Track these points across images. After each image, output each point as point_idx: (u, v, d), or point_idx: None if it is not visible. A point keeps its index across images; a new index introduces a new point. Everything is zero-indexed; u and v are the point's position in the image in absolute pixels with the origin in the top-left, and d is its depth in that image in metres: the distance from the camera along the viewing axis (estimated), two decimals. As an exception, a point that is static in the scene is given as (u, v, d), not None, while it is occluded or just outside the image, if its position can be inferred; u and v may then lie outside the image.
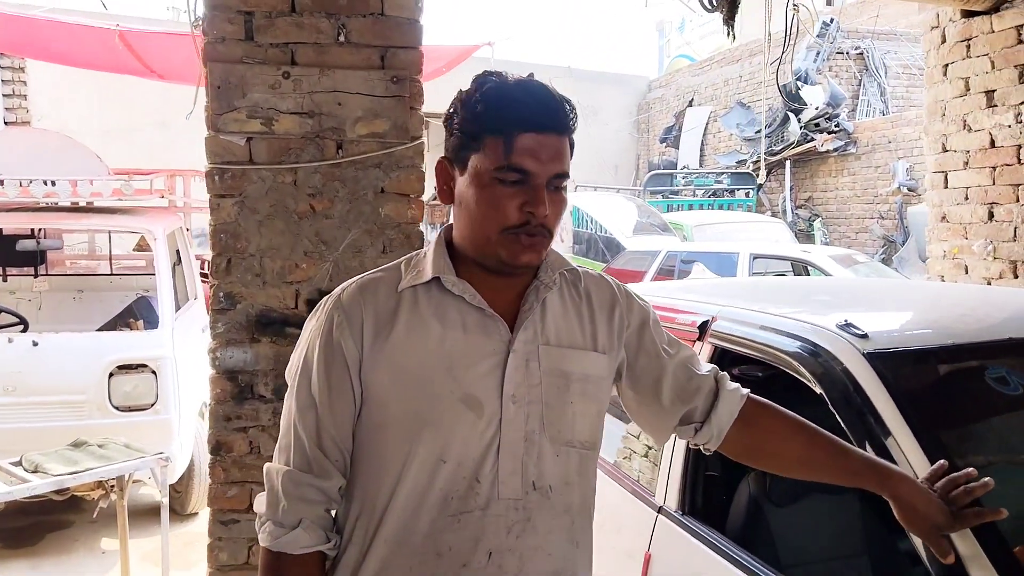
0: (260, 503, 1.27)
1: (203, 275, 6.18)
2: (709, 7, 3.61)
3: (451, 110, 1.25)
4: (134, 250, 6.92)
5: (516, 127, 1.18)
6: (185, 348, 4.74)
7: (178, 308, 4.88)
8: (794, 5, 3.93)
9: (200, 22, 2.85)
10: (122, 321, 5.42)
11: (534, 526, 1.23)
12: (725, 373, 1.45)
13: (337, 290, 1.30)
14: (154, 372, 4.32)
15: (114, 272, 6.45)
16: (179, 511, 4.72)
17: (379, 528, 1.22)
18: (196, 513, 4.93)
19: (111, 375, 4.24)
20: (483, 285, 1.26)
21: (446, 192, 1.28)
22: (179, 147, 11.84)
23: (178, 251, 5.37)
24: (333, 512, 1.28)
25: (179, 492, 4.73)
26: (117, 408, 4.24)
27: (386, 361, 1.22)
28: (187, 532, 4.69)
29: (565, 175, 1.22)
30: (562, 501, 1.26)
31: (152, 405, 4.31)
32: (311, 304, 2.55)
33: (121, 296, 5.94)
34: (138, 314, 5.45)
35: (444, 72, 6.19)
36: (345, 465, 1.26)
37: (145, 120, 12.32)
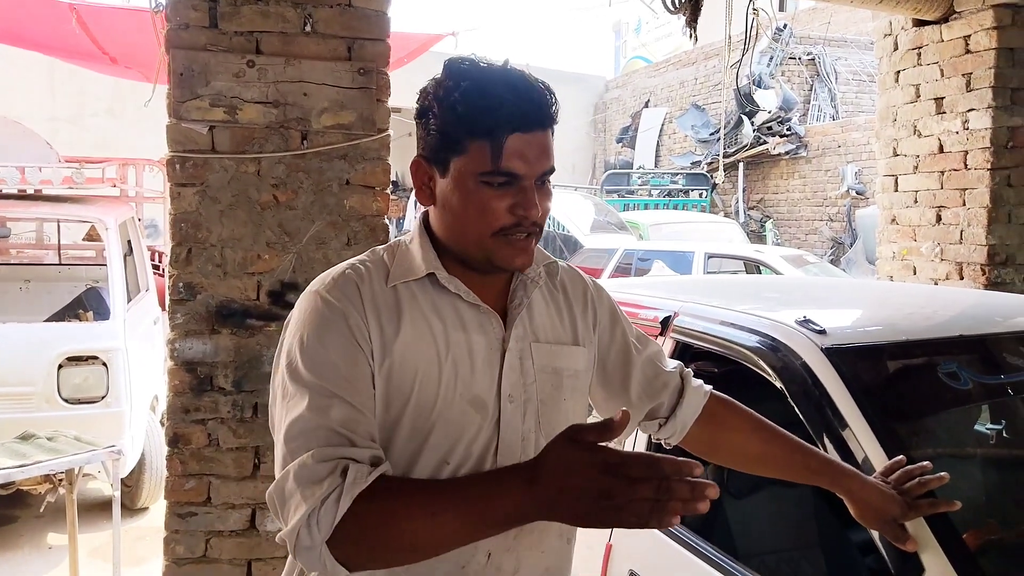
0: (291, 512, 1.05)
1: (154, 267, 6.06)
2: (672, 9, 3.66)
3: (424, 105, 1.18)
4: (84, 240, 6.74)
5: (503, 130, 1.11)
6: (136, 340, 4.65)
7: (129, 299, 4.78)
8: (754, 9, 4.00)
9: (162, 7, 2.80)
10: (71, 312, 5.29)
11: (531, 525, 1.12)
12: (690, 370, 1.47)
13: (325, 279, 1.19)
14: (105, 364, 4.22)
15: (63, 262, 6.28)
16: (129, 505, 4.63)
17: None
18: (147, 508, 4.84)
19: (60, 367, 4.13)
20: (469, 280, 1.21)
21: (425, 193, 1.21)
22: (129, 136, 11.59)
23: (129, 241, 5.25)
24: None
25: (129, 487, 4.63)
26: (67, 400, 4.14)
27: (395, 359, 1.14)
28: (137, 527, 4.60)
29: (552, 170, 1.18)
30: None
31: (103, 398, 4.21)
32: (272, 296, 2.54)
33: (70, 287, 5.78)
34: (87, 305, 5.32)
35: (406, 63, 6.14)
36: (378, 442, 1.12)
37: (95, 108, 12.01)
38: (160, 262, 6.38)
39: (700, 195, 14.15)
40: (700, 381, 1.46)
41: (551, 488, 0.95)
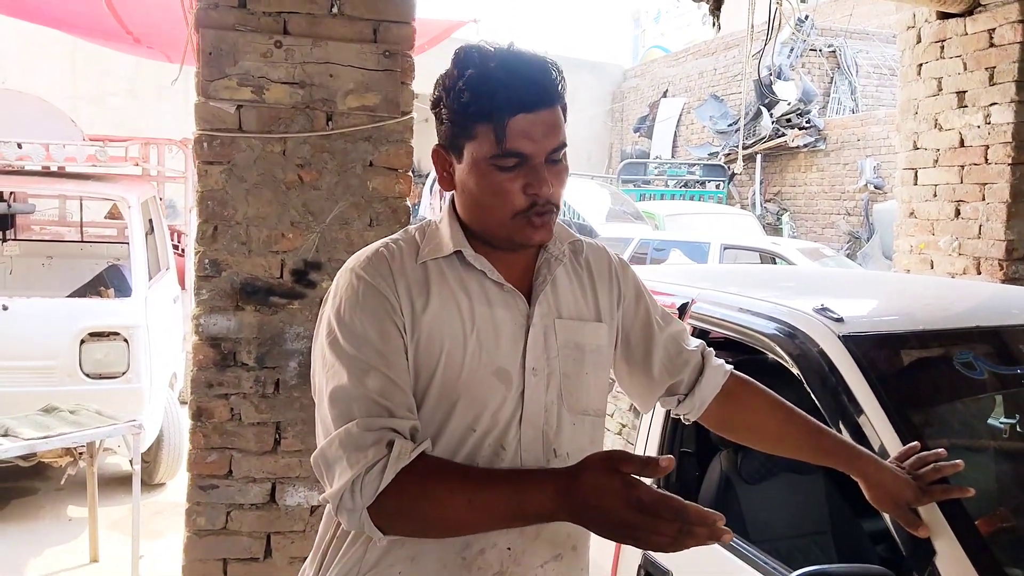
0: (336, 476, 1.12)
1: (174, 246, 6.12)
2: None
3: (437, 96, 1.23)
4: (106, 218, 6.81)
5: (505, 112, 1.15)
6: (157, 318, 4.71)
7: (150, 277, 4.84)
8: (776, 1, 4.00)
9: (190, -13, 2.84)
10: (92, 289, 5.36)
11: None
12: (711, 349, 1.50)
13: (359, 257, 1.25)
14: (126, 340, 4.30)
15: (85, 239, 6.36)
16: (147, 481, 4.70)
17: None
18: (163, 484, 4.92)
19: (82, 342, 4.20)
20: (495, 259, 1.26)
21: (446, 179, 1.27)
22: (149, 116, 11.66)
23: (151, 220, 5.31)
24: None
25: (147, 462, 4.70)
26: (88, 375, 4.21)
27: (423, 332, 1.19)
28: (155, 502, 4.68)
29: (563, 145, 1.21)
30: None
31: (123, 373, 4.28)
32: (296, 274, 2.58)
33: (91, 264, 5.86)
34: (108, 283, 5.39)
35: (427, 48, 6.14)
36: (415, 413, 1.18)
37: (116, 88, 12.09)
38: (180, 242, 6.44)
39: (717, 186, 14.08)
40: (721, 360, 1.49)
41: (583, 504, 1.02)
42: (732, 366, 1.51)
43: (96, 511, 3.68)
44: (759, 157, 14.09)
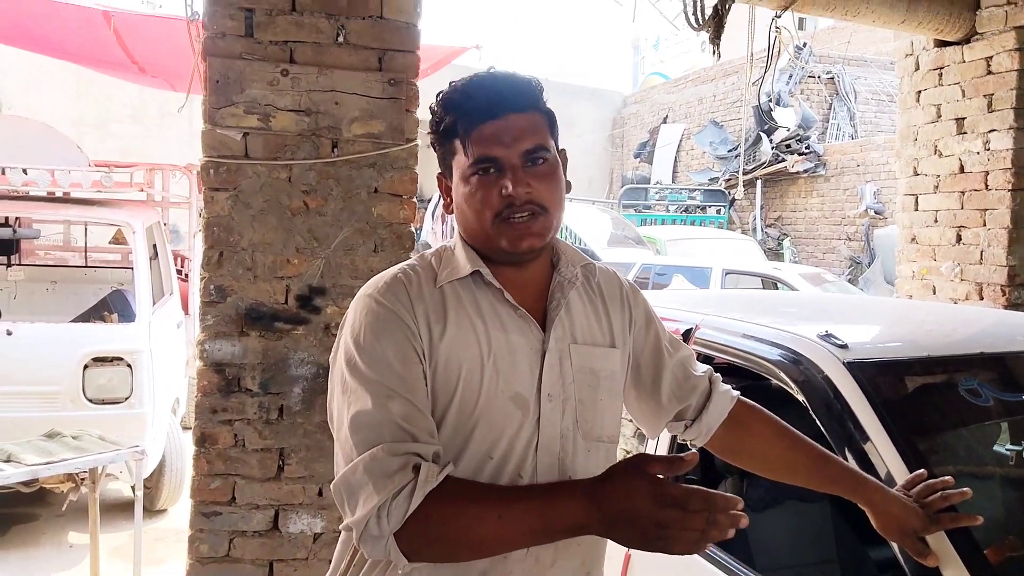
0: (360, 503, 1.10)
1: (177, 271, 6.14)
2: (696, 26, 3.69)
3: (429, 128, 1.30)
4: (110, 243, 6.84)
5: (471, 122, 1.21)
6: (160, 343, 4.72)
7: (154, 303, 4.85)
8: (776, 27, 4.04)
9: (198, 16, 2.88)
10: (96, 314, 5.37)
11: None
12: (719, 375, 1.50)
13: (378, 282, 1.26)
14: (129, 365, 4.29)
15: (89, 264, 6.38)
16: (148, 507, 4.68)
17: None
18: (165, 510, 4.90)
19: (86, 367, 4.20)
20: (506, 280, 1.26)
21: (449, 203, 1.31)
22: (153, 142, 11.75)
23: (155, 245, 5.33)
24: None
25: (149, 488, 4.69)
26: (91, 401, 4.20)
27: (441, 357, 1.20)
28: (156, 528, 4.66)
29: (541, 147, 1.23)
30: None
31: (127, 399, 4.28)
32: (301, 300, 2.59)
33: (95, 289, 5.87)
34: (112, 308, 5.40)
35: (430, 74, 6.20)
36: (436, 438, 1.17)
37: (120, 114, 12.18)
38: (183, 267, 6.46)
39: (718, 211, 14.14)
40: (728, 386, 1.50)
41: (613, 509, 1.03)
42: (739, 392, 1.52)
43: (97, 537, 3.65)
44: (759, 182, 14.15)
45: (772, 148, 13.62)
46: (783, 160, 13.55)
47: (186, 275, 6.32)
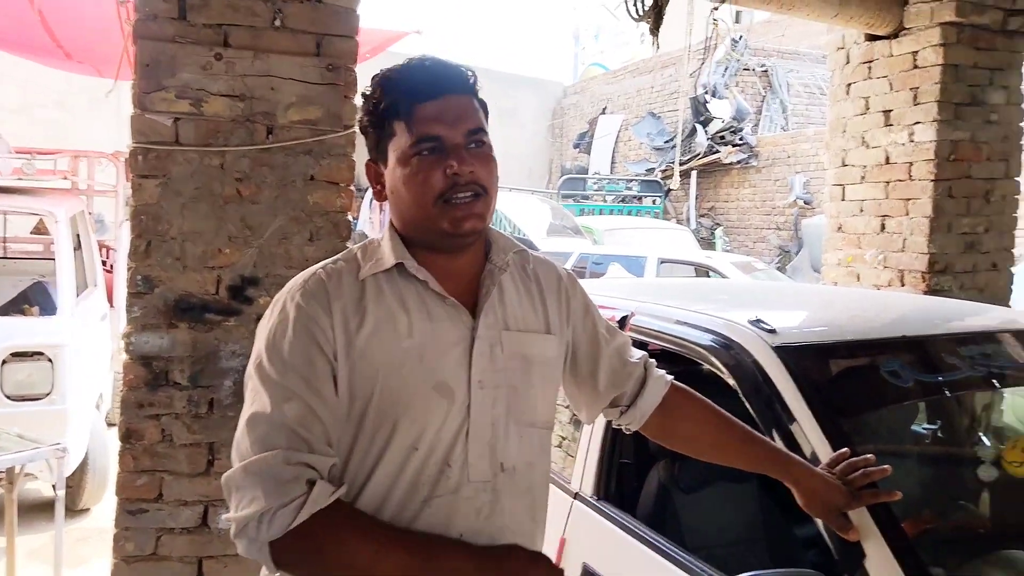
0: (245, 503, 1.11)
1: (102, 262, 5.95)
2: (636, 17, 3.73)
3: (360, 113, 1.29)
4: (31, 233, 6.58)
5: (413, 99, 1.20)
6: (83, 337, 4.56)
7: (78, 295, 4.69)
8: (714, 19, 4.10)
9: (125, -2, 2.79)
10: (15, 307, 5.15)
11: (502, 507, 1.24)
12: (653, 360, 1.53)
13: (297, 280, 1.25)
14: (51, 360, 4.13)
15: (8, 255, 6.12)
16: (70, 507, 4.50)
17: None
18: (88, 509, 4.74)
19: (4, 362, 4.03)
20: (437, 270, 1.25)
21: (379, 191, 1.29)
22: (79, 128, 11.32)
23: (79, 235, 5.15)
24: None
25: (71, 487, 4.52)
26: (9, 397, 4.03)
27: (359, 353, 1.19)
28: (79, 528, 4.50)
29: (481, 130, 1.24)
30: (525, 480, 1.29)
31: (47, 395, 4.11)
32: (232, 290, 2.54)
33: (15, 281, 5.62)
34: (33, 300, 5.19)
35: (368, 58, 6.09)
36: (335, 447, 1.18)
37: (43, 99, 11.71)
38: (109, 258, 6.26)
39: (653, 202, 14.36)
40: (662, 372, 1.53)
41: None
42: (672, 377, 1.55)
43: (14, 539, 3.50)
44: (694, 173, 14.41)
45: (707, 139, 13.88)
46: (717, 151, 13.81)
47: (111, 266, 6.12)
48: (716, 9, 3.93)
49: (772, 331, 1.85)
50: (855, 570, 1.43)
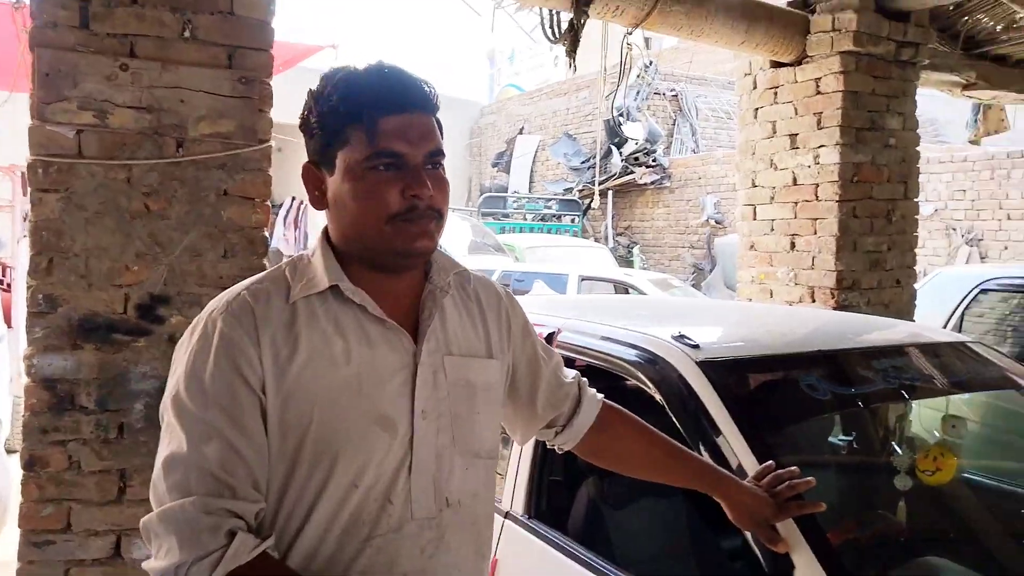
0: (162, 553, 1.03)
1: (-1, 281, 5.62)
2: (552, 39, 3.77)
3: (305, 112, 1.18)
4: (-82, 250, 6.17)
5: (377, 111, 1.11)
6: (-21, 360, 4.29)
7: (-29, 316, 4.41)
8: (628, 44, 4.19)
9: (23, 3, 2.65)
10: (-100, 329, 4.82)
11: (447, 543, 1.18)
12: (585, 379, 1.52)
13: (219, 301, 1.15)
14: (-59, 385, 3.88)
15: None
16: (-35, 541, 4.24)
17: (285, 562, 1.11)
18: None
19: None
20: (375, 291, 1.17)
21: (318, 197, 1.19)
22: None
23: (-28, 253, 4.86)
24: None
25: (-34, 519, 4.24)
26: None
27: (292, 384, 1.10)
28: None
29: (440, 153, 1.16)
30: (471, 514, 1.23)
31: (-62, 422, 3.86)
32: (141, 309, 2.42)
33: (-100, 301, 5.28)
34: (-80, 322, 4.86)
35: (281, 71, 5.97)
36: (262, 490, 1.09)
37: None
38: (6, 276, 5.91)
39: (572, 220, 14.57)
40: (594, 390, 1.52)
41: None
42: (602, 395, 1.54)
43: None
44: (610, 193, 14.69)
45: (622, 160, 14.18)
46: (632, 172, 14.12)
47: (9, 285, 5.79)
48: (630, 34, 4.02)
49: (696, 346, 1.88)
50: (783, 583, 1.45)
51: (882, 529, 1.87)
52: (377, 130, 1.12)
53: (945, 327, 4.40)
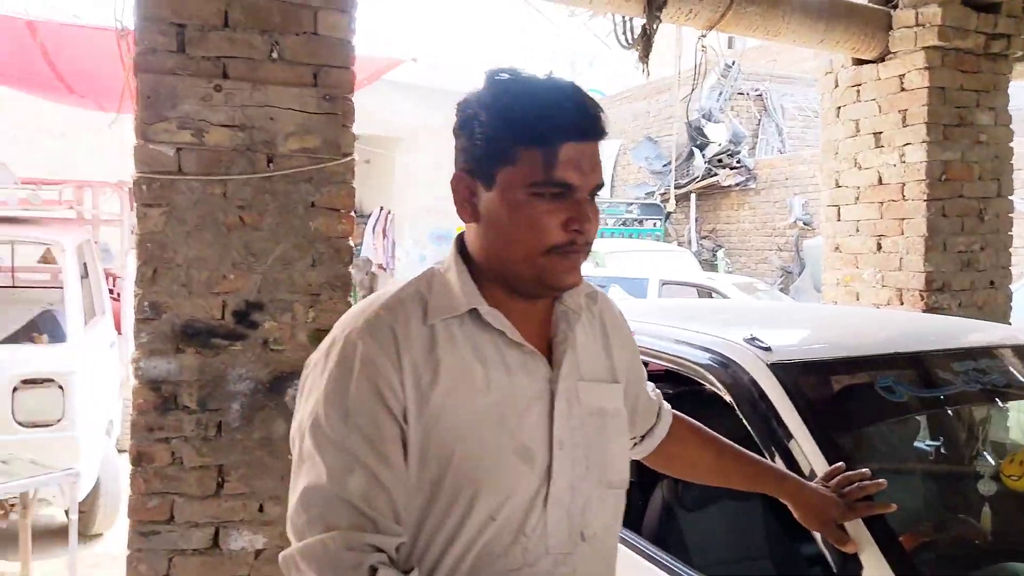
0: None
1: (109, 290, 5.99)
2: (626, 45, 3.80)
3: (468, 115, 1.10)
4: (39, 262, 6.64)
5: (559, 137, 1.05)
6: (92, 363, 4.60)
7: (86, 322, 4.74)
8: (702, 46, 4.18)
9: (125, 28, 2.86)
10: (25, 335, 5.21)
11: (593, 532, 1.13)
12: (658, 391, 1.51)
13: (356, 320, 1.09)
14: (61, 387, 4.18)
15: (17, 284, 6.17)
16: (83, 532, 4.54)
17: None
18: (100, 534, 4.77)
19: (15, 389, 4.08)
20: (510, 312, 1.11)
21: (467, 209, 1.12)
22: (82, 159, 11.41)
23: (85, 264, 5.21)
24: None
25: (83, 512, 4.54)
26: (21, 424, 4.08)
27: (434, 413, 1.05)
28: (91, 554, 4.54)
29: (602, 185, 1.11)
30: (604, 547, 1.18)
31: (58, 421, 4.16)
32: (237, 315, 2.58)
33: (24, 310, 5.68)
34: (42, 328, 5.24)
35: (365, 85, 6.18)
36: (402, 521, 1.05)
37: (47, 130, 11.84)
38: (115, 286, 6.31)
39: (654, 224, 14.43)
40: (667, 403, 1.51)
41: None
42: (668, 399, 1.56)
43: (29, 565, 3.54)
44: (693, 196, 14.49)
45: (705, 163, 13.98)
46: (715, 174, 13.91)
47: (118, 294, 6.17)
48: (704, 36, 4.01)
49: (767, 348, 1.88)
50: (853, 583, 1.46)
51: (961, 534, 1.83)
52: (557, 158, 1.05)
53: (1045, 330, 4.20)
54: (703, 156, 14.00)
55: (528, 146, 1.05)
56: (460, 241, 1.17)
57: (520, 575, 1.07)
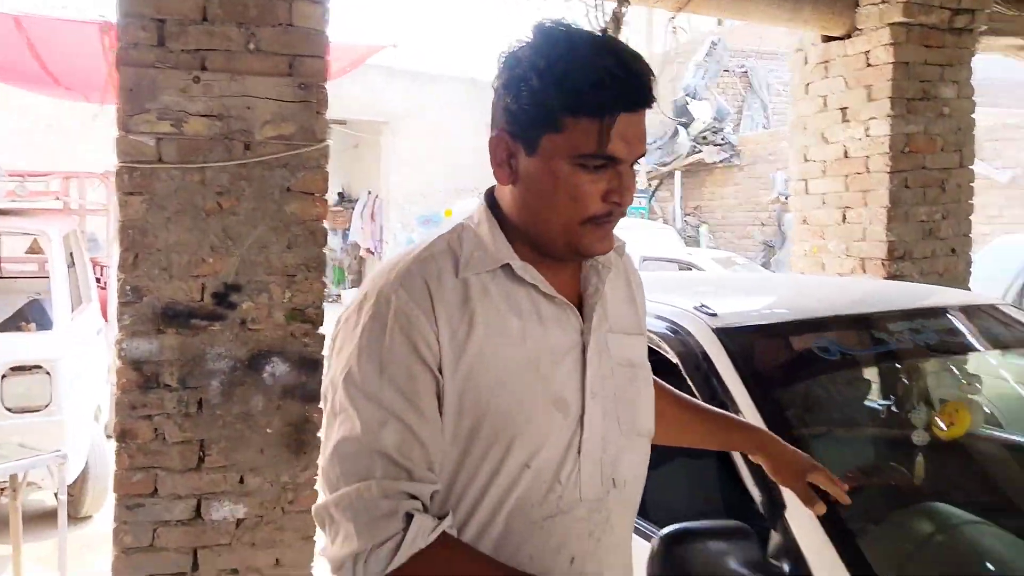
0: (339, 540, 1.01)
1: (96, 279, 6.09)
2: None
3: (515, 74, 1.05)
4: (27, 252, 6.73)
5: (614, 109, 1.01)
6: (79, 350, 4.71)
7: (72, 310, 4.84)
8: (672, 28, 4.28)
9: (104, 20, 2.95)
10: (12, 324, 5.31)
11: (612, 525, 1.15)
12: None
13: (388, 275, 1.08)
14: (48, 373, 4.29)
15: (4, 275, 6.26)
16: (72, 514, 4.66)
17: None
18: (90, 516, 4.89)
19: (3, 376, 4.19)
20: (541, 267, 1.11)
21: (505, 171, 1.09)
22: (69, 151, 11.44)
23: (72, 253, 5.30)
24: None
25: (73, 495, 4.68)
26: (10, 410, 4.19)
27: (469, 365, 1.05)
28: (82, 535, 4.65)
29: (645, 153, 1.09)
30: (633, 494, 1.21)
31: (46, 406, 4.27)
32: (217, 297, 2.69)
33: (12, 299, 5.78)
34: (29, 317, 5.34)
35: (348, 71, 6.24)
36: (436, 471, 1.06)
37: (37, 124, 11.87)
38: (102, 275, 6.40)
39: (638, 203, 14.55)
40: None
41: None
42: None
43: (20, 547, 3.65)
44: (678, 174, 14.60)
45: (690, 140, 14.07)
46: (700, 151, 14.01)
47: (105, 283, 6.26)
48: (674, 18, 4.10)
49: (713, 315, 2.00)
50: (777, 521, 1.58)
51: (890, 479, 1.96)
52: (614, 129, 1.02)
53: (1004, 296, 4.35)
54: (688, 134, 14.09)
55: (579, 116, 1.02)
56: (491, 196, 1.16)
57: (555, 522, 1.09)
